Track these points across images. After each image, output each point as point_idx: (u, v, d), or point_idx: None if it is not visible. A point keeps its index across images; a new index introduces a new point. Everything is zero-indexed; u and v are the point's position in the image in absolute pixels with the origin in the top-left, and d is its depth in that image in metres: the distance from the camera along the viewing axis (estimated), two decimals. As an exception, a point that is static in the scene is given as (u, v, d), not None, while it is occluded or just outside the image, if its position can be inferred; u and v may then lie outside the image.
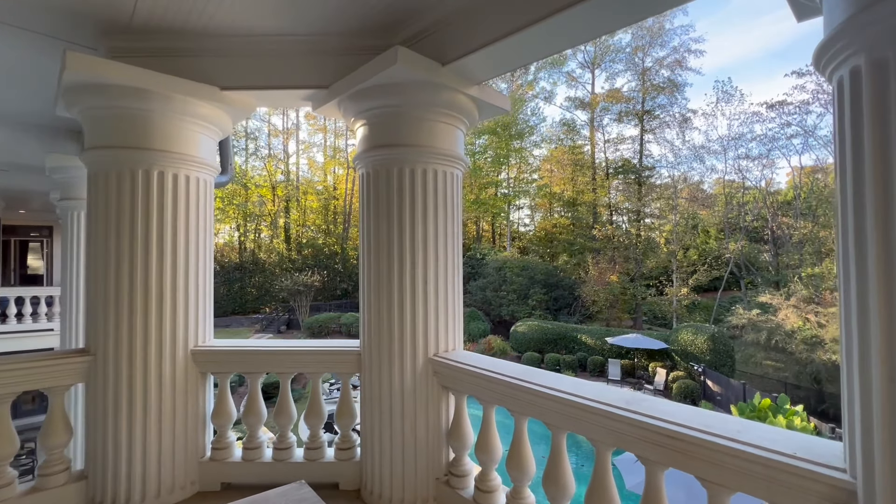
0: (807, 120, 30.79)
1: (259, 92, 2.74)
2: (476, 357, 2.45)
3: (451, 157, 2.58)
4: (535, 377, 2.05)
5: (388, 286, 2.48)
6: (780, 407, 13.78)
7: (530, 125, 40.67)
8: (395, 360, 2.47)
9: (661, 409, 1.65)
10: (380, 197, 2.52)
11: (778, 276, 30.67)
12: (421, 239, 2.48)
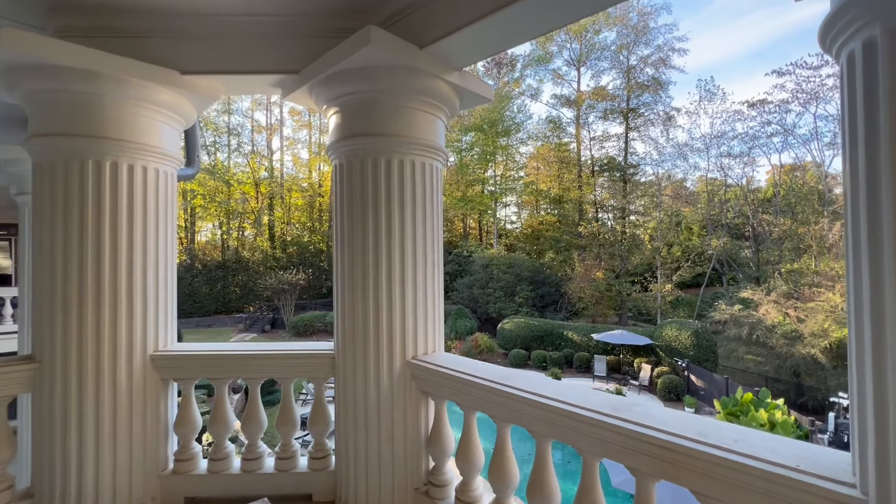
0: (786, 119, 31.42)
1: (225, 77, 2.55)
2: (457, 360, 2.31)
3: (430, 147, 2.43)
4: (518, 381, 1.92)
5: (362, 285, 2.33)
6: (762, 401, 13.99)
7: (517, 122, 40.70)
8: (370, 364, 2.32)
9: (652, 415, 1.53)
10: (353, 189, 2.36)
11: (758, 272, 31.27)
12: (398, 235, 2.33)
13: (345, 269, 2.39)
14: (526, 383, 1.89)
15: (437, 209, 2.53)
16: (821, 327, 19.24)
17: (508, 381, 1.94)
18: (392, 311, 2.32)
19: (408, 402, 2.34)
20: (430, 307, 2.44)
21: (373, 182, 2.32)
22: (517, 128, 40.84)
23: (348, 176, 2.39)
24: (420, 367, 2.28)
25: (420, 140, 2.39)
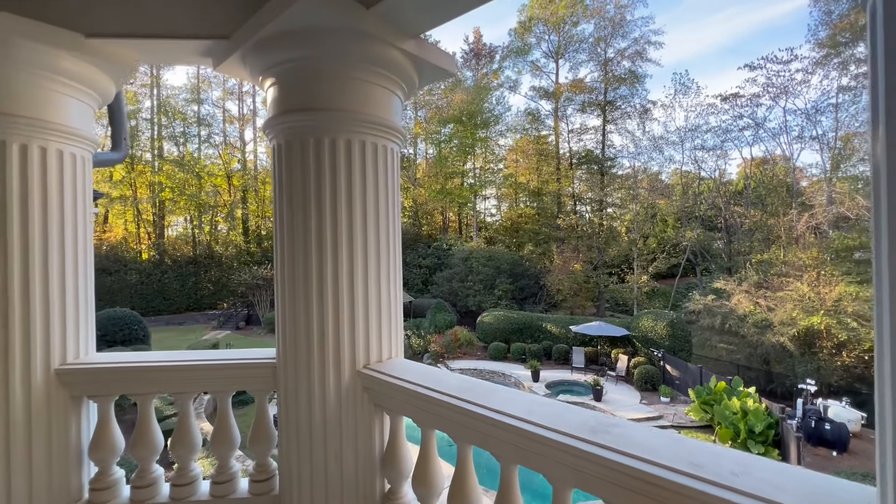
0: (757, 112, 32.11)
1: (141, 42, 2.16)
2: (415, 369, 2.03)
3: (384, 126, 2.12)
4: (482, 396, 1.66)
5: (304, 284, 2.02)
6: (735, 389, 14.27)
7: (495, 114, 40.47)
8: (314, 374, 2.02)
9: (636, 440, 1.28)
10: (293, 174, 2.04)
11: (730, 262, 32.06)
12: (346, 227, 2.02)
13: (285, 266, 2.08)
14: (491, 398, 1.63)
15: (394, 197, 2.23)
16: (789, 316, 19.77)
17: (471, 395, 1.67)
18: (339, 314, 2.02)
19: (359, 417, 2.05)
20: (385, 309, 2.15)
21: (315, 165, 2.00)
22: (496, 120, 40.63)
23: (287, 158, 2.06)
24: (372, 378, 1.99)
25: (372, 117, 2.08)
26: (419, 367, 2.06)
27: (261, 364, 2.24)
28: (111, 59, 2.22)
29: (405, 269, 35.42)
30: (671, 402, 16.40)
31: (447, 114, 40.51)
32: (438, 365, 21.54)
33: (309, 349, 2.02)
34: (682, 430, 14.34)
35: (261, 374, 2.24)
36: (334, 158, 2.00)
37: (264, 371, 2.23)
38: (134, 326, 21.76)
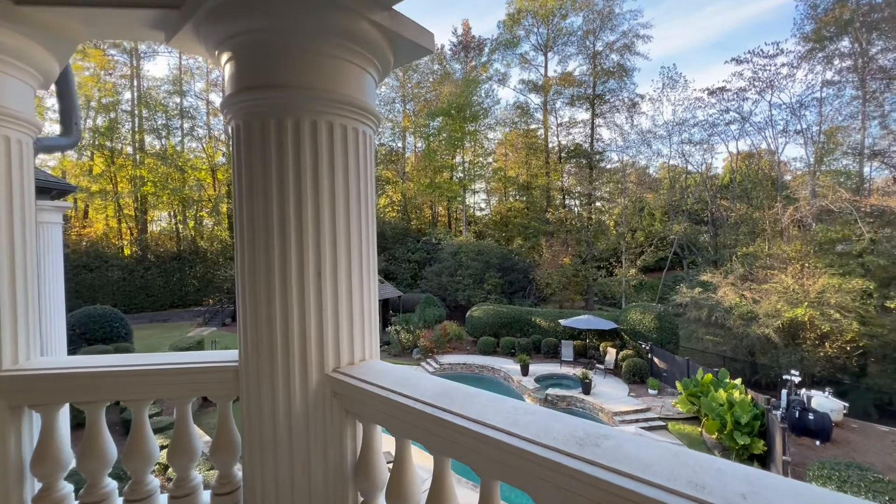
0: (743, 106, 32.38)
1: (81, 11, 1.94)
2: (390, 371, 1.86)
3: (355, 107, 1.93)
4: (460, 403, 1.50)
5: (265, 280, 1.83)
6: (721, 381, 14.39)
7: (484, 107, 40.21)
8: (278, 378, 1.84)
9: (630, 454, 1.13)
10: (253, 159, 1.84)
11: (716, 255, 32.42)
12: (312, 218, 1.84)
13: (245, 260, 1.89)
14: (470, 406, 1.47)
15: (367, 185, 2.04)
16: (774, 308, 20.03)
17: (448, 402, 1.51)
18: (305, 313, 1.84)
19: (328, 425, 1.87)
20: (358, 307, 1.97)
21: (277, 149, 1.81)
22: (485, 113, 40.38)
23: (246, 141, 1.86)
24: (341, 383, 1.81)
25: (341, 96, 1.89)
26: (395, 370, 1.89)
27: (221, 368, 2.05)
28: (51, 31, 2.00)
29: (394, 264, 35.18)
30: (659, 395, 16.52)
31: (436, 107, 40.14)
32: (427, 360, 21.45)
33: (272, 351, 1.84)
34: (669, 422, 14.46)
35: (222, 378, 2.06)
36: (298, 141, 1.81)
37: (226, 375, 2.05)
38: (115, 324, 21.23)
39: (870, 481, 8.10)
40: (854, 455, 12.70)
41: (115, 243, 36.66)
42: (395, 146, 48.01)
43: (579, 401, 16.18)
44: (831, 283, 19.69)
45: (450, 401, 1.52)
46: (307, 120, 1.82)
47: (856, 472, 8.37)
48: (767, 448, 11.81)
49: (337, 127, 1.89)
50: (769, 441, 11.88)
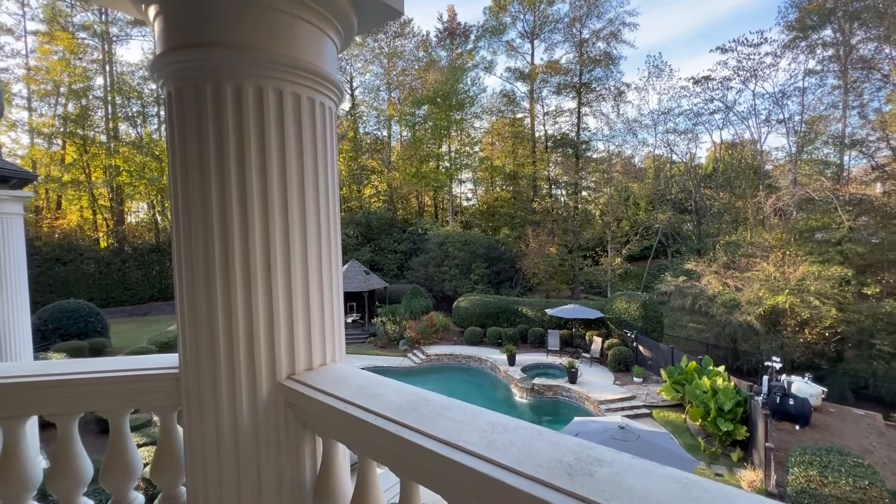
0: (727, 96, 32.57)
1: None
2: (353, 378, 1.62)
3: (312, 74, 1.66)
4: (429, 418, 1.27)
5: (205, 274, 1.57)
6: (705, 368, 14.53)
7: (470, 95, 39.73)
8: (221, 387, 1.59)
9: (630, 487, 0.92)
10: (187, 132, 1.57)
11: (700, 244, 32.81)
12: (259, 203, 1.57)
13: (181, 250, 1.63)
14: (440, 422, 1.24)
15: (328, 166, 1.78)
16: (756, 295, 20.31)
17: (415, 418, 1.28)
18: (253, 312, 1.58)
19: (282, 440, 1.63)
20: (317, 304, 1.72)
21: (215, 120, 1.53)
22: (471, 101, 39.90)
23: (179, 111, 1.58)
24: (295, 392, 1.57)
25: (294, 60, 1.61)
26: (359, 376, 1.65)
27: (161, 376, 1.79)
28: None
29: (380, 255, 34.80)
30: (644, 383, 16.66)
31: (421, 94, 39.52)
32: (414, 351, 21.29)
33: (213, 357, 1.58)
34: (654, 409, 14.58)
35: (162, 387, 1.80)
36: (240, 111, 1.54)
37: (166, 384, 1.79)
38: (90, 318, 20.58)
39: (850, 466, 8.22)
40: (832, 438, 12.98)
41: (91, 235, 35.47)
42: (381, 135, 47.30)
43: (565, 390, 16.22)
44: (811, 271, 20.02)
45: (417, 416, 1.29)
46: (250, 86, 1.55)
47: (836, 457, 8.48)
48: (750, 434, 11.97)
49: (288, 96, 1.61)
50: (751, 427, 12.03)
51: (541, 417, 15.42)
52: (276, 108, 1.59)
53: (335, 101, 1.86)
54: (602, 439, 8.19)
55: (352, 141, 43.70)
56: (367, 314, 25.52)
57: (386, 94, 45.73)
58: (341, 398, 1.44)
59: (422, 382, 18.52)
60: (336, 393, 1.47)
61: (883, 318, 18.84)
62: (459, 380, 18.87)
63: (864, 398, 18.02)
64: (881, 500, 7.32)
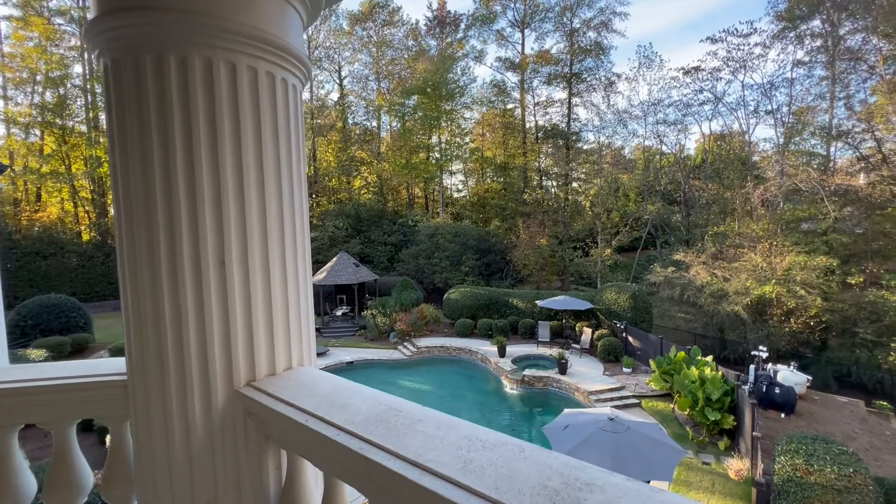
0: (717, 86, 32.64)
1: None
2: (320, 385, 1.47)
3: (272, 46, 1.48)
4: (399, 433, 1.12)
5: (150, 269, 1.40)
6: (693, 358, 14.64)
7: (460, 85, 39.30)
8: (171, 396, 1.42)
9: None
10: (126, 110, 1.38)
11: (688, 235, 33.05)
12: (210, 191, 1.40)
13: (124, 241, 1.45)
14: (410, 439, 1.09)
15: (293, 150, 1.61)
16: (743, 286, 20.51)
17: (382, 433, 1.13)
18: (205, 312, 1.42)
19: (241, 454, 1.48)
20: (279, 302, 1.56)
21: (157, 97, 1.35)
22: (461, 91, 39.48)
23: (116, 87, 1.40)
24: (254, 401, 1.41)
25: (253, 31, 1.42)
26: (327, 382, 1.50)
27: (108, 383, 1.62)
28: None
29: (370, 247, 34.51)
30: (633, 373, 16.77)
31: (411, 84, 38.99)
32: (404, 343, 21.19)
33: (161, 362, 1.42)
34: (643, 399, 14.68)
35: (109, 395, 1.63)
36: (185, 87, 1.36)
37: (114, 391, 1.62)
38: (72, 314, 20.12)
39: (835, 454, 8.32)
40: (816, 426, 13.20)
41: (72, 228, 34.61)
42: (370, 125, 46.70)
43: (555, 381, 16.27)
44: (797, 261, 20.25)
45: (385, 430, 1.14)
46: (198, 57, 1.36)
47: (822, 446, 8.58)
48: (737, 423, 12.10)
49: (243, 69, 1.43)
50: (738, 416, 12.16)
51: (531, 408, 15.46)
52: (229, 83, 1.41)
53: (300, 80, 1.68)
54: (592, 431, 8.18)
55: (340, 132, 43.09)
56: (357, 307, 25.33)
57: (375, 83, 45.08)
58: (302, 409, 1.29)
59: (412, 375, 18.47)
60: (297, 402, 1.32)
61: (866, 306, 19.16)
62: (450, 372, 18.83)
63: (847, 385, 18.38)
64: (865, 488, 7.41)
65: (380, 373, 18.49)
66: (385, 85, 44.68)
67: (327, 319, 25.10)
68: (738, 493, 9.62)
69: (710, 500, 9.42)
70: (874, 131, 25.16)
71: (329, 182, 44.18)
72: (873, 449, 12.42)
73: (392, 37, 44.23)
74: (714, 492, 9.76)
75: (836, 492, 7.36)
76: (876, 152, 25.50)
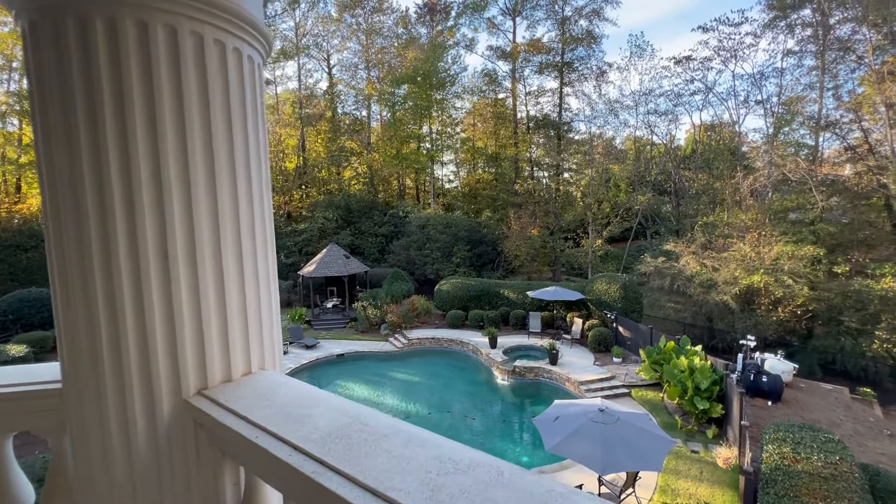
0: (708, 76, 32.61)
1: None
2: (279, 394, 1.31)
3: (226, 12, 1.30)
4: (359, 452, 0.97)
5: (79, 263, 1.23)
6: (683, 348, 14.72)
7: (451, 74, 38.79)
8: (108, 407, 1.26)
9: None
10: (46, 80, 1.20)
11: (678, 225, 33.21)
12: (148, 173, 1.23)
13: (51, 232, 1.27)
14: (372, 460, 0.94)
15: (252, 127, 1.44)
16: (732, 275, 20.66)
17: (341, 452, 0.98)
18: (146, 312, 1.25)
19: (193, 470, 1.32)
20: (236, 299, 1.40)
21: (82, 66, 1.17)
22: (452, 80, 38.97)
23: (35, 52, 1.21)
24: (202, 413, 1.25)
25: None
26: (288, 389, 1.34)
27: (44, 392, 1.45)
28: None
29: (361, 238, 34.19)
30: (623, 363, 16.84)
31: (401, 73, 38.41)
32: (396, 335, 21.08)
33: (96, 368, 1.25)
34: (633, 389, 14.76)
35: (45, 406, 1.46)
36: (116, 53, 1.17)
37: (50, 401, 1.45)
38: (54, 308, 19.60)
39: (821, 441, 8.39)
40: (802, 413, 13.37)
41: (54, 220, 33.75)
42: (360, 115, 46.04)
43: (546, 371, 16.28)
44: (785, 251, 20.41)
45: (344, 448, 0.99)
46: (130, 19, 1.18)
47: (809, 434, 8.65)
48: (725, 411, 12.20)
49: (186, 35, 1.25)
50: (727, 404, 12.26)
51: (522, 399, 15.47)
52: (169, 50, 1.23)
53: (259, 52, 1.50)
54: (582, 422, 8.15)
55: (330, 121, 42.43)
56: (347, 299, 25.12)
57: (364, 72, 44.32)
58: (254, 423, 1.13)
59: (404, 367, 18.38)
60: (249, 415, 1.16)
61: (851, 295, 19.42)
62: (441, 363, 18.77)
63: (832, 373, 18.68)
64: (851, 475, 7.49)
65: (371, 365, 18.38)
66: (375, 74, 43.97)
67: (317, 312, 24.87)
68: (726, 482, 9.70)
69: (699, 488, 9.49)
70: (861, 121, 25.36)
71: (318, 173, 43.60)
72: (857, 435, 12.62)
73: (381, 24, 43.42)
74: (702, 480, 9.83)
75: (823, 479, 7.42)
76: (862, 142, 25.72)
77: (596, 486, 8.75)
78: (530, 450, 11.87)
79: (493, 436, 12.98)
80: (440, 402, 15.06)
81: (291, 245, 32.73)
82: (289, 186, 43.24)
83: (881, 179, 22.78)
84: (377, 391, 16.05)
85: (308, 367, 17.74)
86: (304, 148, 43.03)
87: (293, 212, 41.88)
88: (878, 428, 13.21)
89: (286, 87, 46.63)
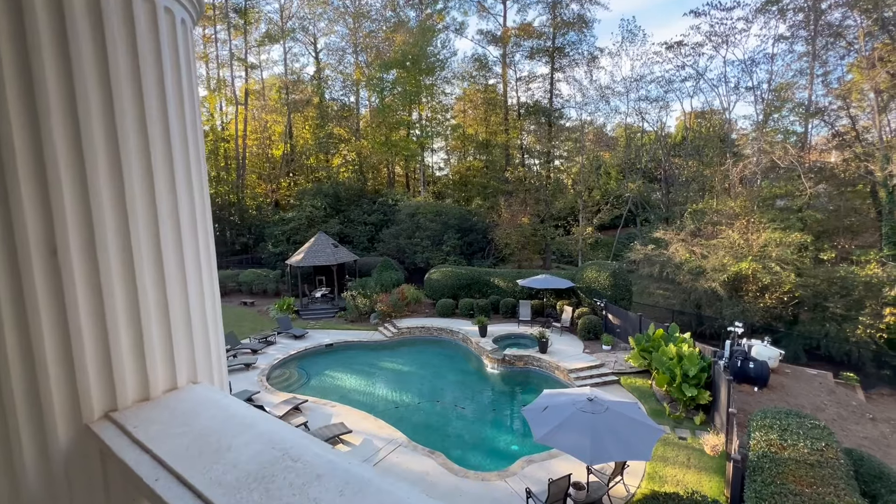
0: (699, 62, 32.40)
1: None
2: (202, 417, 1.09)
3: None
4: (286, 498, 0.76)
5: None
6: (671, 335, 14.76)
7: (441, 59, 38.08)
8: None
9: None
10: None
11: (668, 212, 33.28)
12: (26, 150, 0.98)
13: None
14: None
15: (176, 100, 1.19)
16: (720, 262, 20.74)
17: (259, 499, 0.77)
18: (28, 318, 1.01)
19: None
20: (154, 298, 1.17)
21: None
22: (441, 65, 38.26)
23: None
24: (105, 444, 1.03)
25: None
26: (217, 410, 1.12)
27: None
28: None
29: (350, 227, 33.77)
30: (612, 350, 16.89)
31: (389, 57, 37.59)
32: (385, 324, 20.90)
33: (-30, 393, 1.01)
34: (622, 377, 14.81)
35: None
36: None
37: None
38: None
39: (807, 428, 8.44)
40: (788, 398, 13.53)
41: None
42: (348, 101, 45.15)
43: (536, 360, 16.27)
44: (773, 238, 20.51)
45: (263, 497, 0.77)
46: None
47: (795, 420, 8.69)
48: (713, 398, 12.28)
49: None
50: (714, 391, 12.33)
51: (512, 388, 15.46)
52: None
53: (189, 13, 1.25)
54: (571, 412, 8.08)
55: (317, 107, 41.56)
56: (336, 288, 24.84)
57: (352, 56, 43.34)
58: (157, 457, 0.91)
59: (393, 356, 18.25)
60: (153, 447, 0.94)
61: (837, 281, 19.61)
62: (431, 352, 18.69)
63: (816, 357, 18.96)
64: (836, 461, 7.53)
65: (360, 355, 18.22)
66: (363, 58, 43.03)
67: (306, 301, 24.58)
68: (714, 468, 9.77)
69: (686, 475, 9.54)
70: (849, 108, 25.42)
71: (306, 160, 42.85)
72: (840, 419, 12.82)
73: (369, 7, 42.38)
74: (690, 467, 9.89)
75: (809, 466, 7.46)
76: (850, 129, 25.83)
77: (585, 475, 8.72)
78: (520, 439, 11.86)
79: (483, 425, 12.95)
80: (430, 391, 14.98)
81: (279, 234, 32.24)
82: (276, 174, 42.48)
83: (868, 166, 22.93)
84: (367, 381, 15.92)
85: (297, 358, 17.53)
86: (291, 135, 42.19)
87: (281, 200, 41.21)
88: (861, 412, 13.43)
89: (272, 72, 45.51)
